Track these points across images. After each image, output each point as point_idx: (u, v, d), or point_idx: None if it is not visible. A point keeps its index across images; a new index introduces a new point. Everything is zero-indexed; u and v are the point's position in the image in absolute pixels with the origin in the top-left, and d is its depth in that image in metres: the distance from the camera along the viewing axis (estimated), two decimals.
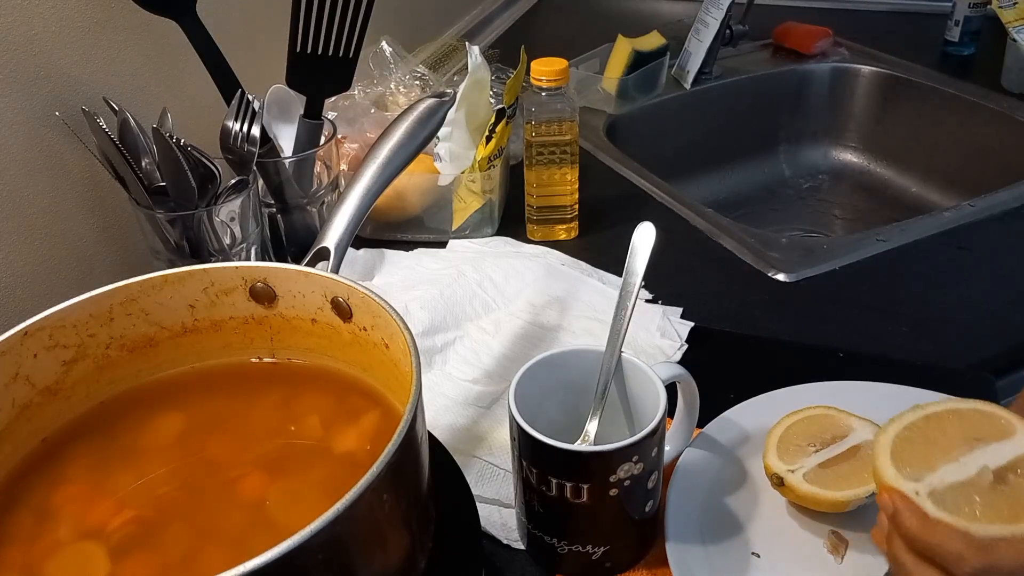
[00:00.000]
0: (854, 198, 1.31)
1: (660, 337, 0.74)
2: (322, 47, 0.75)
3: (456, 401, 0.68)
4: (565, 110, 0.83)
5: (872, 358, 0.71)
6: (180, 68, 0.81)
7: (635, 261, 0.58)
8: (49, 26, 0.68)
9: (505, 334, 0.75)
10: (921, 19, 1.45)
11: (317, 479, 0.46)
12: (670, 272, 0.81)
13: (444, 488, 0.50)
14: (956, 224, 0.89)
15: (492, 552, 0.57)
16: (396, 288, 0.81)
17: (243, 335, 0.53)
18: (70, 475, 0.47)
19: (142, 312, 0.50)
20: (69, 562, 0.42)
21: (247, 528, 0.43)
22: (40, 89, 0.68)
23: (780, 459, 0.57)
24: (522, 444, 0.51)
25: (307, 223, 0.83)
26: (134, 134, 0.68)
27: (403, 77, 1.02)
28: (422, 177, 0.88)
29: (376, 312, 0.47)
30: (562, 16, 1.61)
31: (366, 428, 0.48)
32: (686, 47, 1.24)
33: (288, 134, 0.83)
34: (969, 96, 1.18)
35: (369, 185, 0.57)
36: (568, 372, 0.56)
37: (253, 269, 0.51)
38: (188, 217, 0.68)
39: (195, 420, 0.50)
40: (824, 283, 0.82)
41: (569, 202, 0.89)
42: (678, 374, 0.55)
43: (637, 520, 0.54)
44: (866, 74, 1.30)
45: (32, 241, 0.69)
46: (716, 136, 1.29)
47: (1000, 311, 0.77)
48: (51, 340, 0.47)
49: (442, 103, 0.62)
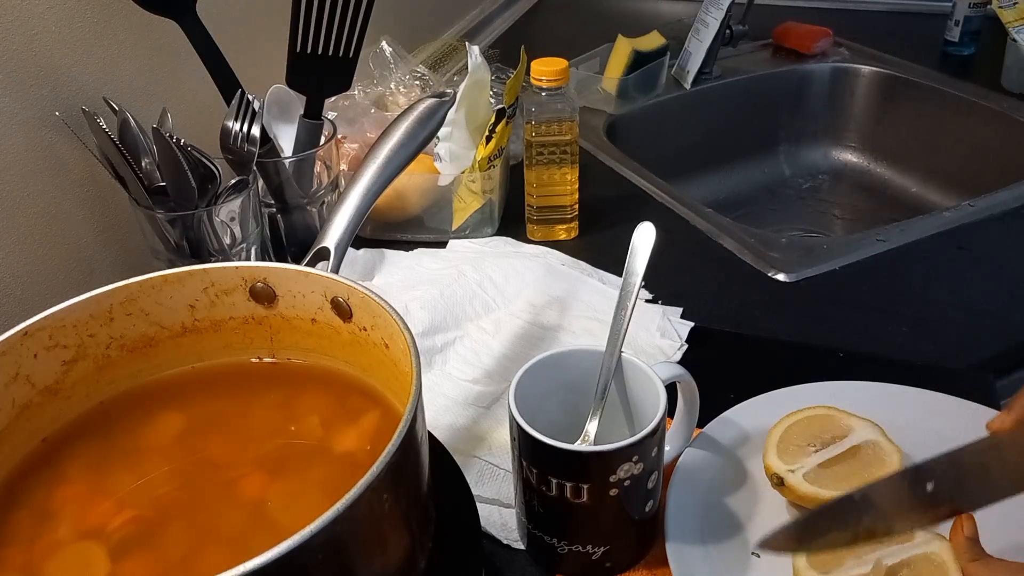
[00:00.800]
0: (854, 198, 1.31)
1: (660, 337, 0.74)
2: (322, 47, 0.75)
3: (456, 401, 0.68)
4: (565, 110, 0.83)
5: (872, 358, 0.71)
6: (180, 68, 0.81)
7: (635, 261, 0.58)
8: (49, 26, 0.68)
9: (505, 334, 0.75)
10: (921, 19, 1.45)
11: (317, 479, 0.46)
12: (670, 272, 0.81)
13: (444, 488, 0.50)
14: (956, 224, 0.89)
15: (492, 552, 0.57)
16: (396, 288, 0.81)
17: (243, 335, 0.53)
18: (70, 475, 0.47)
19: (142, 312, 0.50)
20: (69, 562, 0.42)
21: (247, 528, 0.43)
22: (40, 89, 0.68)
23: (780, 459, 0.57)
24: (522, 444, 0.51)
25: (307, 223, 0.83)
26: (134, 134, 0.68)
27: (403, 77, 1.02)
28: (422, 177, 0.88)
29: (376, 312, 0.47)
30: (562, 16, 1.61)
31: (366, 428, 0.48)
32: (686, 47, 1.24)
33: (288, 134, 0.83)
34: (969, 96, 1.18)
35: (369, 185, 0.57)
36: (568, 372, 0.56)
37: (253, 269, 0.51)
38: (188, 217, 0.68)
39: (195, 420, 0.50)
40: (824, 283, 0.82)
41: (569, 202, 0.89)
42: (678, 374, 0.55)
43: (637, 520, 0.54)
44: (866, 74, 1.30)
45: (32, 241, 0.69)
46: (716, 136, 1.29)
47: (1000, 311, 0.77)
48: (51, 340, 0.47)
49: (442, 103, 0.62)
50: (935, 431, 0.58)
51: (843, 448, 0.57)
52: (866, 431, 0.58)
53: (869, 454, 0.56)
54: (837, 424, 0.58)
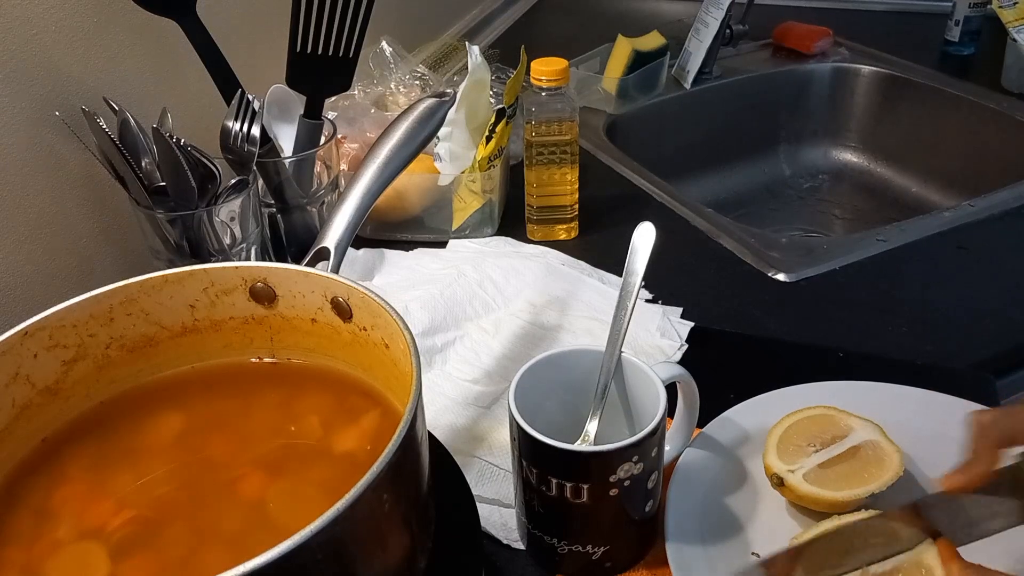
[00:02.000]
0: (854, 198, 1.31)
1: (660, 337, 0.74)
2: (322, 47, 0.75)
3: (456, 401, 0.68)
4: (565, 110, 0.83)
5: (872, 358, 0.71)
6: (180, 68, 0.81)
7: (635, 261, 0.58)
8: (49, 26, 0.68)
9: (505, 334, 0.75)
10: (921, 19, 1.45)
11: (317, 479, 0.46)
12: (670, 272, 0.81)
13: (444, 488, 0.50)
14: (956, 224, 0.89)
15: (492, 552, 0.57)
16: (396, 288, 0.81)
17: (243, 335, 0.53)
18: (70, 475, 0.47)
19: (142, 312, 0.50)
20: (69, 562, 0.42)
21: (247, 528, 0.43)
22: (40, 89, 0.68)
23: (780, 459, 0.57)
24: (522, 444, 0.51)
25: (307, 223, 0.83)
26: (134, 134, 0.68)
27: (403, 77, 1.02)
28: (422, 177, 0.88)
29: (376, 312, 0.47)
30: (562, 16, 1.61)
31: (366, 428, 0.48)
32: (686, 47, 1.24)
33: (288, 134, 0.83)
34: (969, 96, 1.18)
35: (369, 185, 0.57)
36: (568, 372, 0.56)
37: (253, 269, 0.51)
38: (188, 217, 0.68)
39: (195, 420, 0.50)
40: (824, 283, 0.82)
41: (569, 202, 0.89)
42: (678, 374, 0.55)
43: (637, 520, 0.54)
44: (866, 74, 1.30)
45: (32, 241, 0.69)
46: (716, 136, 1.29)
47: (1000, 311, 0.77)
48: (51, 340, 0.47)
49: (442, 103, 0.62)
50: (935, 431, 0.59)
51: (843, 448, 0.57)
52: (866, 431, 0.58)
53: (869, 454, 0.56)
54: (837, 424, 0.58)
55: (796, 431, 0.58)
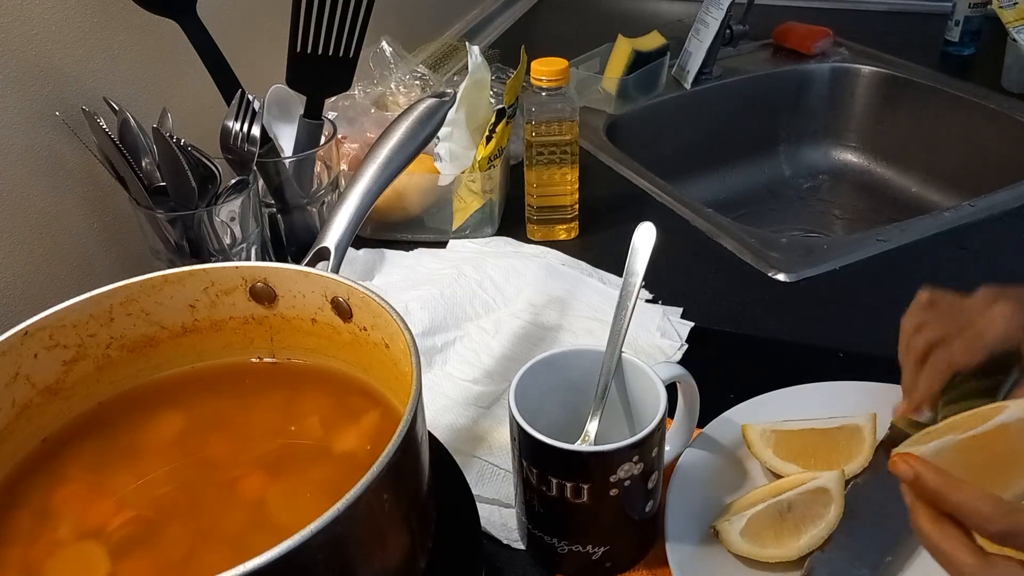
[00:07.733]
0: (854, 198, 1.31)
1: (660, 337, 0.74)
2: (322, 47, 0.75)
3: (456, 401, 0.68)
4: (565, 110, 0.83)
5: (872, 358, 0.71)
6: (180, 68, 0.81)
7: (635, 261, 0.58)
8: (49, 26, 0.68)
9: (505, 334, 0.75)
10: (921, 19, 1.45)
11: (317, 479, 0.46)
12: (670, 272, 0.81)
13: (444, 488, 0.50)
14: (956, 224, 0.89)
15: (492, 552, 0.57)
16: (396, 288, 0.81)
17: (243, 335, 0.53)
18: (70, 475, 0.47)
19: (142, 312, 0.50)
20: (69, 562, 0.42)
21: (247, 528, 0.43)
22: (40, 89, 0.68)
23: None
24: (522, 444, 0.51)
25: (307, 223, 0.83)
26: (134, 134, 0.68)
27: (403, 77, 1.02)
28: (422, 177, 0.88)
29: (376, 312, 0.47)
30: (562, 16, 1.61)
31: (366, 428, 0.48)
32: (686, 47, 1.24)
33: (288, 134, 0.83)
34: (969, 96, 1.18)
35: (369, 185, 0.57)
36: (568, 372, 0.56)
37: (253, 269, 0.51)
38: (188, 217, 0.68)
39: (195, 420, 0.50)
40: (824, 283, 0.82)
41: (569, 202, 0.89)
42: (678, 374, 0.55)
43: (637, 520, 0.54)
44: (866, 74, 1.30)
45: (32, 241, 0.69)
46: (716, 136, 1.29)
47: None
48: (51, 340, 0.47)
49: (442, 103, 0.62)
50: None
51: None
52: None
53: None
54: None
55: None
